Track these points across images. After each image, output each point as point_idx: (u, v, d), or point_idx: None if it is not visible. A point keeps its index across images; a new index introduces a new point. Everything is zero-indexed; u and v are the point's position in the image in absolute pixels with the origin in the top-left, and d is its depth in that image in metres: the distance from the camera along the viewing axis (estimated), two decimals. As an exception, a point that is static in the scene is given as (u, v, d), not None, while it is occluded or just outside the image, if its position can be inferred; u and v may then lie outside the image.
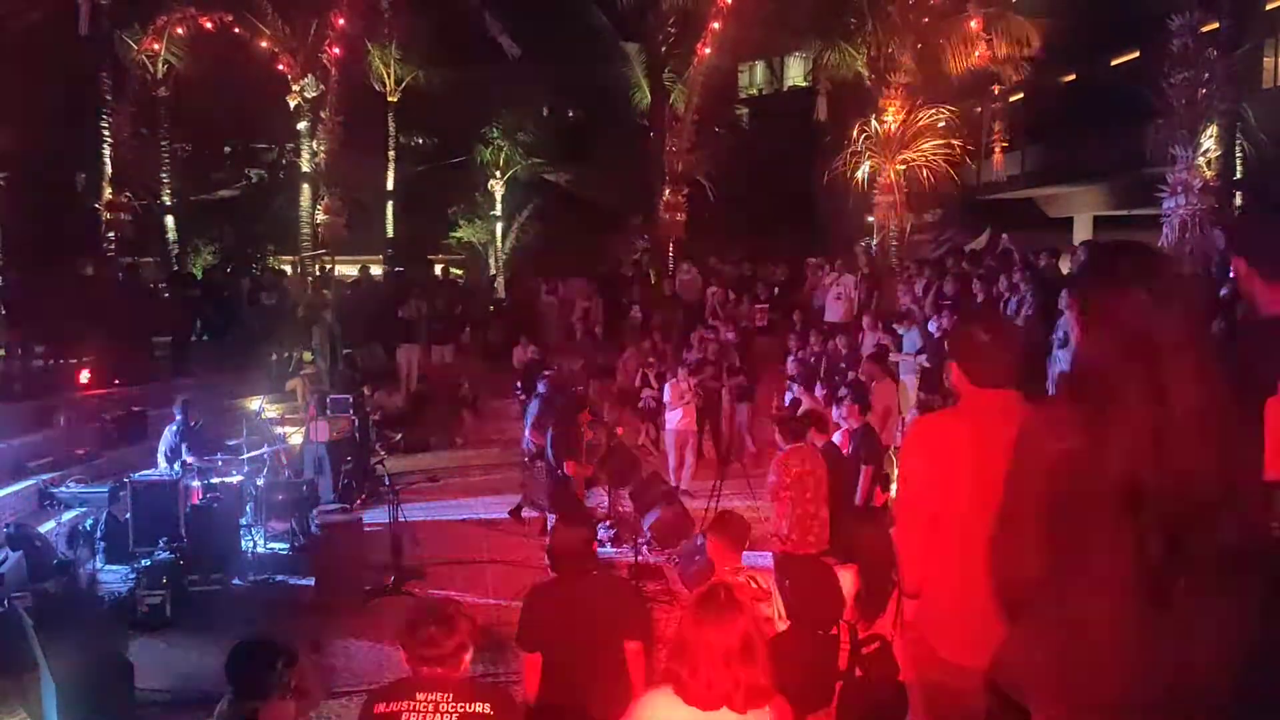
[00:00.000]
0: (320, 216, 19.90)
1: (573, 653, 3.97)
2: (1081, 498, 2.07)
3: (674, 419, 12.15)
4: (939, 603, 2.91)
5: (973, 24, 17.21)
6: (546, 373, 12.53)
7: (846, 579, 6.46)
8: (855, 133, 18.04)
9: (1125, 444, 2.02)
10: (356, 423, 12.25)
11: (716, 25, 19.29)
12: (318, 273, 18.89)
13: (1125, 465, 2.02)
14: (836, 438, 8.44)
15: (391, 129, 24.19)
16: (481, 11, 23.68)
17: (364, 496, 11.38)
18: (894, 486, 8.25)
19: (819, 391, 12.19)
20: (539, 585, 4.37)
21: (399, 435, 14.66)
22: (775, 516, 7.14)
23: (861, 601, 6.36)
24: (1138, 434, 2.02)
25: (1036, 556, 2.13)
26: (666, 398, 12.36)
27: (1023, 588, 2.19)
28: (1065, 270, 12.80)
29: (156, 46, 19.20)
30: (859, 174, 18.06)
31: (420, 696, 3.15)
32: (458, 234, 26.58)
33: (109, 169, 18.40)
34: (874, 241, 17.94)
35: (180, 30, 19.11)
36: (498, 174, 25.28)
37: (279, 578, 8.95)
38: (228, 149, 26.39)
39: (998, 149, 21.61)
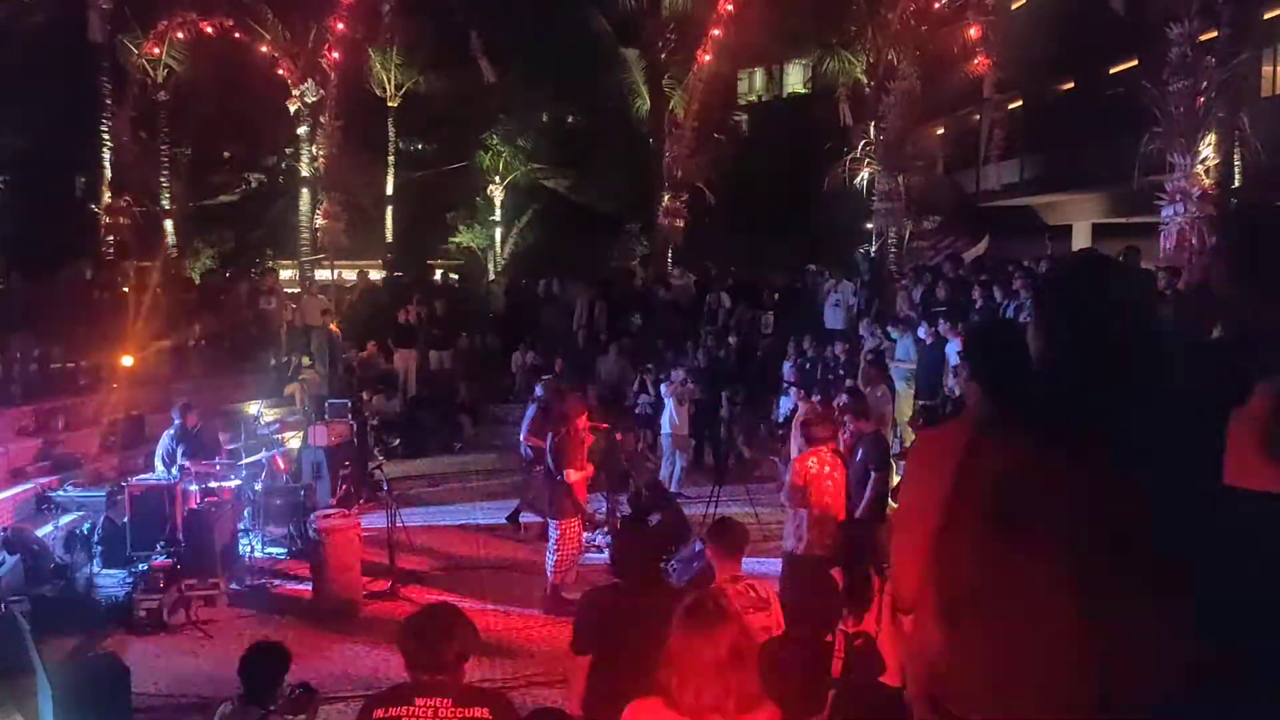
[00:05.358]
0: (319, 221, 19.92)
1: (625, 661, 3.84)
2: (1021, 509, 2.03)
3: (668, 424, 12.16)
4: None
5: (972, 32, 17.25)
6: (544, 378, 12.54)
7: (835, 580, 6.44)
8: (855, 139, 18.09)
9: None
10: (355, 427, 12.23)
11: (716, 32, 19.34)
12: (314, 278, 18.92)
13: None
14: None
15: (391, 134, 24.21)
16: (468, 29, 23.74)
17: (362, 501, 11.34)
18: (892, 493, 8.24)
19: (816, 398, 12.16)
20: (599, 589, 4.30)
21: (397, 440, 14.63)
22: (790, 517, 7.11)
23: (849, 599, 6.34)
24: None
25: (973, 565, 2.11)
26: (664, 394, 12.37)
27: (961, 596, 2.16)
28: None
29: (157, 51, 19.22)
30: (858, 180, 18.09)
31: (419, 701, 3.14)
32: (457, 239, 26.61)
33: (109, 173, 18.41)
34: (873, 249, 17.96)
35: (181, 35, 19.16)
36: (497, 179, 25.32)
37: (276, 582, 8.94)
38: (227, 153, 26.38)
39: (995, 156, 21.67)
